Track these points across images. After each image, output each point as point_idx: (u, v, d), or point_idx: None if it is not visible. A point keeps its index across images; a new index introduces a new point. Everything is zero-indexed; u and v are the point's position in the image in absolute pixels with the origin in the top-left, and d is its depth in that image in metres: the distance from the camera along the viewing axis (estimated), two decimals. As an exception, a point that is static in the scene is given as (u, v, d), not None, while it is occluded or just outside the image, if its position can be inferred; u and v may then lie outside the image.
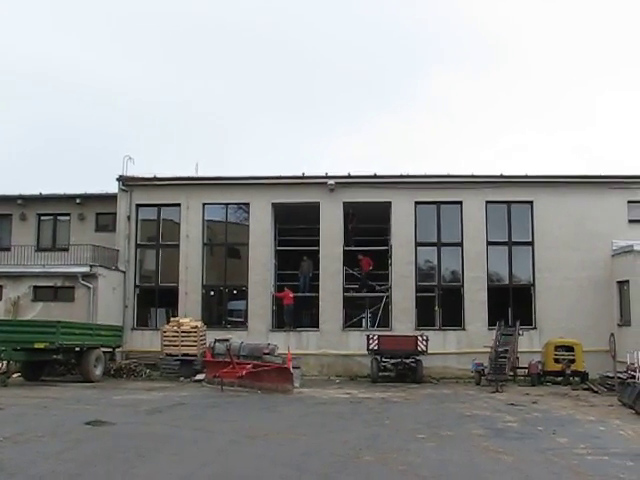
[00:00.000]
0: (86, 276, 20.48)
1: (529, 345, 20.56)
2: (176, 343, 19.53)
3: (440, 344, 20.96)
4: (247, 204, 22.74)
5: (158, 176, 22.72)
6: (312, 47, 56.85)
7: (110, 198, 23.13)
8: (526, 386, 18.27)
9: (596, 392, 16.70)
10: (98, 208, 24.05)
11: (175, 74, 54.55)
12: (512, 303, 21.76)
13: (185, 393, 15.30)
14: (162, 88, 54.69)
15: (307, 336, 21.85)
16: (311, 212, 22.22)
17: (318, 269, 22.39)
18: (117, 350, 20.21)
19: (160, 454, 8.02)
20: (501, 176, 21.90)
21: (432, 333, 20.64)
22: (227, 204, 22.92)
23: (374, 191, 22.23)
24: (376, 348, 19.41)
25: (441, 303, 21.99)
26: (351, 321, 22.86)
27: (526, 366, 19.02)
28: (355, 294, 22.80)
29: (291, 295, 22.14)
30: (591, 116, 55.05)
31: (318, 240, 22.35)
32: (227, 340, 18.81)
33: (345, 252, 22.44)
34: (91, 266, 20.69)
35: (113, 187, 23.01)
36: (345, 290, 22.33)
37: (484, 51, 56.59)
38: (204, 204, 22.72)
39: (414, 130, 56.73)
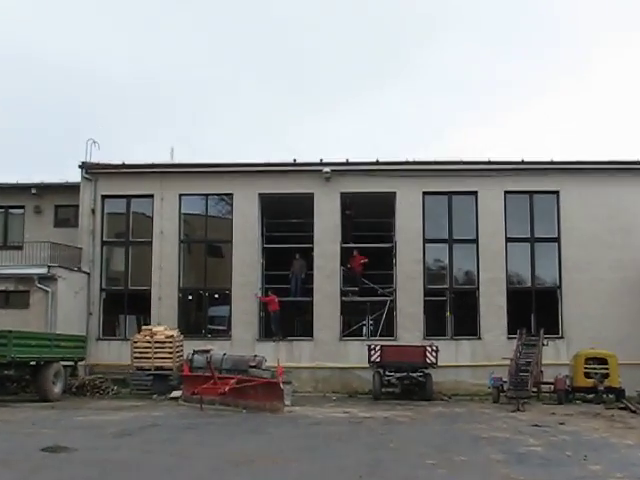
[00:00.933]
0: (43, 278, 20.42)
1: (555, 357, 20.66)
2: (148, 355, 19.49)
3: (452, 355, 21.03)
4: (230, 195, 22.74)
5: (127, 163, 22.65)
6: (304, 11, 56.19)
7: (71, 188, 23.00)
8: (552, 404, 18.23)
9: (634, 412, 16.59)
10: (57, 200, 23.98)
11: (148, 50, 54.42)
12: (535, 308, 21.83)
13: (159, 413, 15.22)
14: (134, 66, 54.50)
15: (300, 346, 21.90)
16: (304, 204, 22.21)
17: (312, 269, 22.40)
18: (80, 364, 20.05)
19: (129, 485, 7.93)
20: (522, 162, 21.89)
21: (443, 343, 20.71)
22: (207, 195, 22.90)
23: (376, 180, 22.28)
24: (379, 360, 19.48)
25: (453, 308, 22.13)
26: (350, 329, 23.07)
27: (552, 381, 19.00)
28: (355, 298, 22.97)
29: (277, 300, 22.17)
30: (626, 93, 55.10)
31: (312, 236, 22.37)
32: (207, 351, 18.83)
33: (343, 250, 22.50)
34: (49, 267, 20.62)
35: (75, 176, 23.08)
36: (343, 293, 22.40)
37: (503, 17, 56.27)
38: (180, 195, 22.67)
39: (422, 110, 56.77)
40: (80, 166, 22.64)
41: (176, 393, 18.21)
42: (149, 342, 19.60)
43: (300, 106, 57.01)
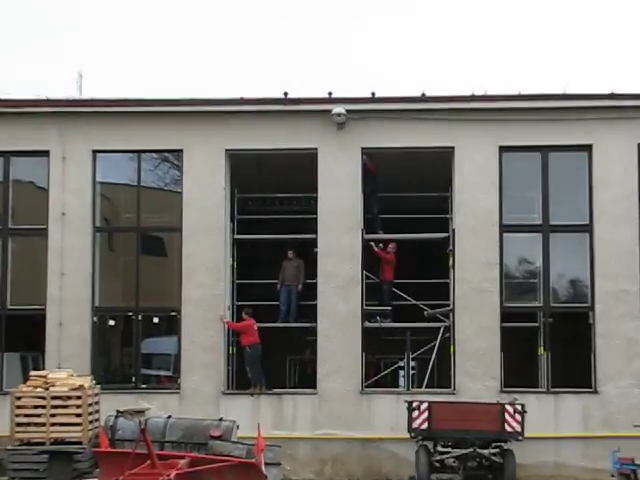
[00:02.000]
0: None
1: None
2: (41, 420, 18.94)
3: (549, 420, 20.93)
4: (179, 152, 22.62)
5: (3, 97, 22.51)
6: None
7: None
8: None
9: None
10: None
11: None
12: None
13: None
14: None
15: (295, 404, 21.71)
16: (301, 168, 22.09)
17: (315, 276, 22.20)
18: None
19: None
20: (668, 95, 21.71)
21: (533, 399, 20.68)
22: (140, 152, 22.76)
23: (421, 128, 22.06)
24: (426, 427, 19.37)
25: (550, 342, 21.85)
26: (378, 375, 23.51)
27: None
28: (386, 324, 22.85)
29: (256, 327, 22.11)
30: None
31: (315, 221, 22.21)
32: (141, 413, 18.88)
33: (366, 243, 22.35)
34: None
35: None
36: (367, 316, 22.17)
37: None
38: (95, 152, 22.46)
39: (487, 22, 56.20)
40: None
41: (88, 483, 17.86)
42: (42, 398, 18.97)
43: (297, 23, 56.92)
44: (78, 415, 18.81)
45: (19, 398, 19.01)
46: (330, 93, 21.99)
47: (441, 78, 52.06)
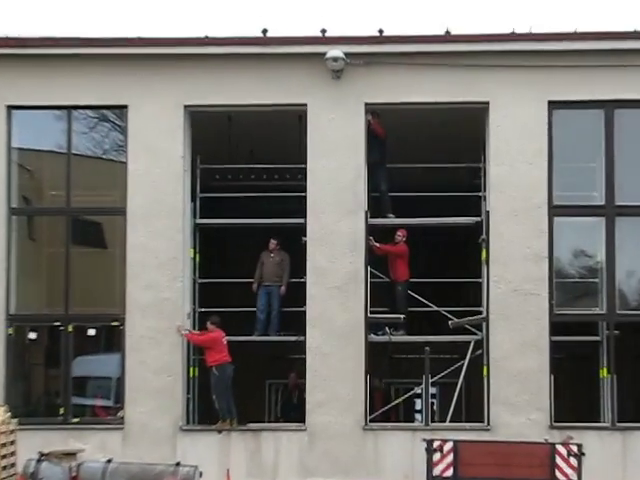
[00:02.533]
0: None
1: None
2: None
3: (615, 464, 20.74)
4: (122, 109, 22.71)
5: None
6: None
7: None
8: None
9: None
10: None
11: None
12: None
13: None
14: None
15: (276, 444, 21.65)
16: (286, 131, 22.66)
17: (303, 275, 22.18)
18: None
19: None
20: None
21: (594, 437, 20.61)
22: (70, 108, 22.74)
23: (444, 77, 22.01)
24: (450, 474, 19.20)
25: (616, 362, 21.74)
26: (387, 406, 23.84)
27: None
28: (398, 338, 23.05)
29: (224, 341, 22.11)
30: None
31: (303, 201, 22.25)
32: (72, 456, 18.70)
33: (371, 229, 22.29)
34: None
35: None
36: (373, 327, 22.19)
37: None
38: (10, 108, 22.55)
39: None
40: None
41: None
42: (-62, 435, 19.24)
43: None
44: (-14, 459, 19.21)
45: None
46: (324, 31, 21.91)
47: (471, 16, 52.20)
